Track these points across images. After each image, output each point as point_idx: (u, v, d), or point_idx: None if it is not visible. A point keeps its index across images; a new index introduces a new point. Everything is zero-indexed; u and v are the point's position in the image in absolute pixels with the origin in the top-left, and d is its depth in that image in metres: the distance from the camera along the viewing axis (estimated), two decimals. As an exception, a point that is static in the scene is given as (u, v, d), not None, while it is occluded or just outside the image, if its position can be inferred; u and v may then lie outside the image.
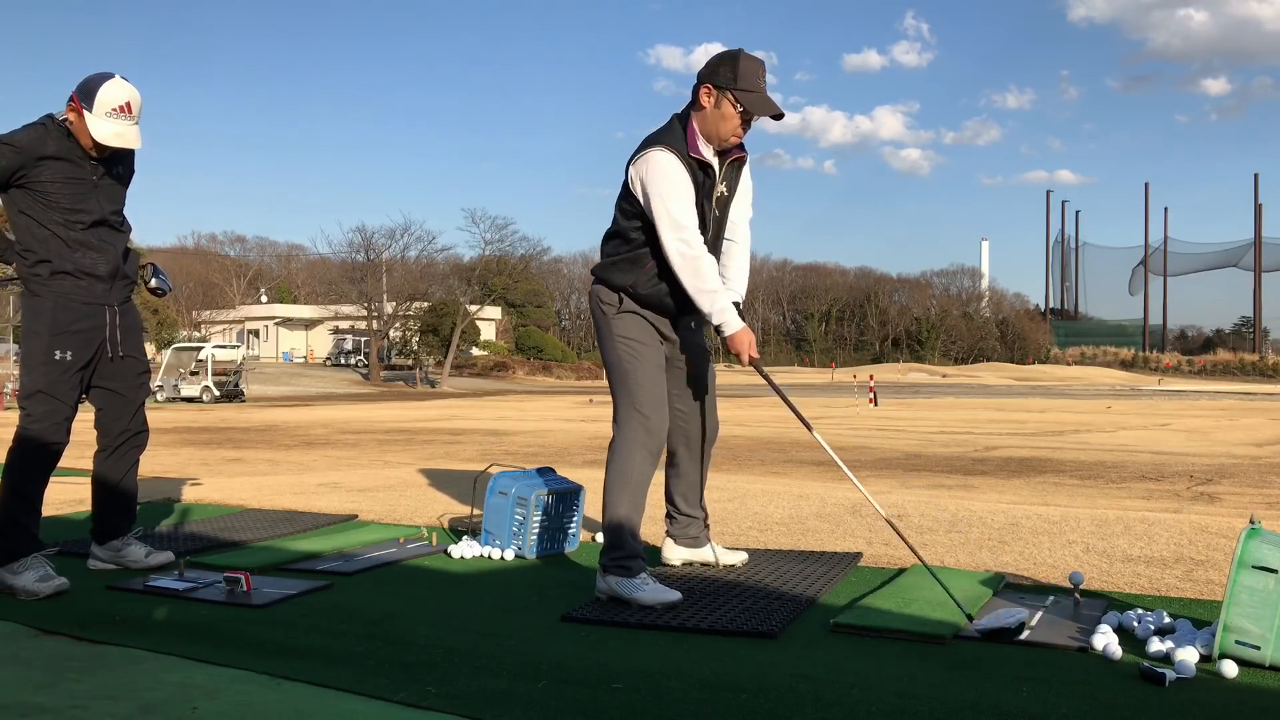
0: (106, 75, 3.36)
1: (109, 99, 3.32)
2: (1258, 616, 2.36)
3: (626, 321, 3.27)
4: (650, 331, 3.30)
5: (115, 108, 3.34)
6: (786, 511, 4.61)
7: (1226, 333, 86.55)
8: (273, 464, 8.75)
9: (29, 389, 3.31)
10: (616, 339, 3.27)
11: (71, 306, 3.35)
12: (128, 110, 3.37)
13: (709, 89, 3.16)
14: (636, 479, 3.20)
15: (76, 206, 3.37)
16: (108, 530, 3.60)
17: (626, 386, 3.27)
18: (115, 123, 3.34)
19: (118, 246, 3.49)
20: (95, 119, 3.32)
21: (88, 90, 3.33)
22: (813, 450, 10.02)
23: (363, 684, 2.26)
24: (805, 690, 2.23)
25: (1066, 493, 6.31)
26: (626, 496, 3.18)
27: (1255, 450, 10.13)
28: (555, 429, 13.94)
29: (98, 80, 3.34)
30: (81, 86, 3.36)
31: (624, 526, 3.15)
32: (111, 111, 3.33)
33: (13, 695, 2.19)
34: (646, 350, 3.27)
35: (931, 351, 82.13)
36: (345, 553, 3.85)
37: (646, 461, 3.22)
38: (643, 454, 3.21)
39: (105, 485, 3.59)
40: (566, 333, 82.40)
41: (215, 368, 31.98)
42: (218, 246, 76.48)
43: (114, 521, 3.60)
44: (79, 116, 3.34)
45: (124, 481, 3.60)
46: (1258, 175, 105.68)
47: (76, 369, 3.36)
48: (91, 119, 3.32)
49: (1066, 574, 3.38)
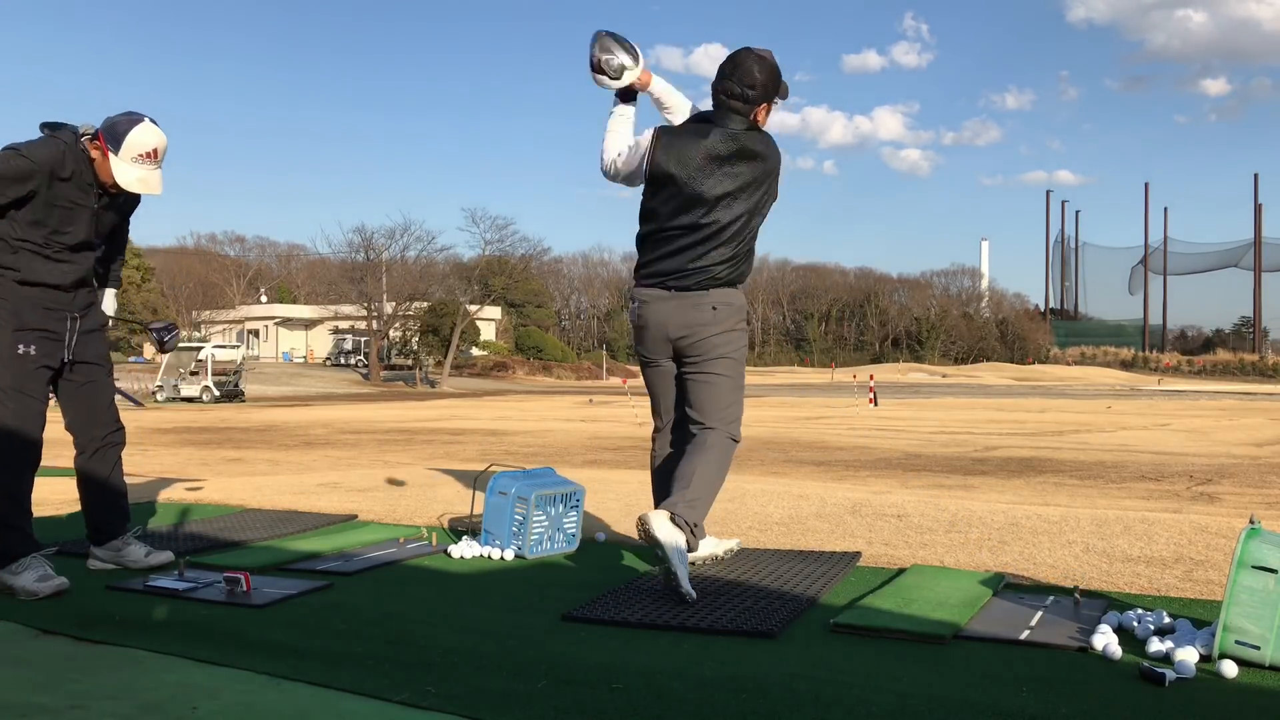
0: (136, 119, 3.33)
1: (137, 144, 3.29)
2: (1258, 616, 2.36)
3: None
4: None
5: (142, 154, 3.31)
6: (786, 511, 4.61)
7: (1226, 333, 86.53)
8: (273, 464, 8.75)
9: None
10: (742, 349, 3.49)
11: (35, 308, 3.29)
12: (154, 156, 3.34)
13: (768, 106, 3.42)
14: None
15: (63, 229, 3.30)
16: (104, 531, 3.58)
17: (742, 394, 3.48)
18: (140, 168, 3.32)
19: (90, 260, 3.46)
20: (120, 163, 3.30)
21: (115, 133, 3.29)
22: (813, 450, 10.02)
23: (363, 684, 2.26)
24: (805, 690, 2.23)
25: (1066, 493, 6.32)
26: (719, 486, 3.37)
27: (1255, 450, 10.13)
28: (555, 429, 13.95)
29: (126, 124, 3.30)
30: (109, 128, 3.31)
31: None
32: (138, 157, 3.31)
33: (13, 695, 2.19)
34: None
35: (931, 351, 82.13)
36: (345, 553, 3.85)
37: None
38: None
39: (91, 486, 3.55)
40: (566, 333, 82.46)
41: (215, 368, 31.96)
42: (218, 246, 76.58)
43: (108, 521, 3.58)
44: (103, 157, 3.30)
45: (110, 481, 3.55)
46: (1257, 175, 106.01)
47: (41, 365, 3.31)
48: (117, 162, 3.29)
49: (1066, 574, 3.38)
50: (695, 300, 3.37)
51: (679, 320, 3.39)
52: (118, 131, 3.29)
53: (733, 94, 3.33)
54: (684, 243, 3.35)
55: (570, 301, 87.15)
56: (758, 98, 3.34)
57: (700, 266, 3.35)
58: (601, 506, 4.79)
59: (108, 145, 3.29)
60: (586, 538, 4.12)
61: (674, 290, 3.39)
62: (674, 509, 3.12)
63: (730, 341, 3.39)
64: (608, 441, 11.54)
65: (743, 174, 3.33)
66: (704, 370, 3.39)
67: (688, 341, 3.39)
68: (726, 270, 3.37)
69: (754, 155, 3.34)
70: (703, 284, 3.36)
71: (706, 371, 3.39)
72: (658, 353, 3.49)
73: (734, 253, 3.37)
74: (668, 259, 3.39)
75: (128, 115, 3.34)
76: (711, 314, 3.37)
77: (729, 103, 3.35)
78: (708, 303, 3.37)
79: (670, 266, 3.39)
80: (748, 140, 3.34)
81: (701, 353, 3.39)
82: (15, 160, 3.17)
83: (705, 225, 3.32)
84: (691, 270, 3.36)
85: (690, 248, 3.35)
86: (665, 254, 3.40)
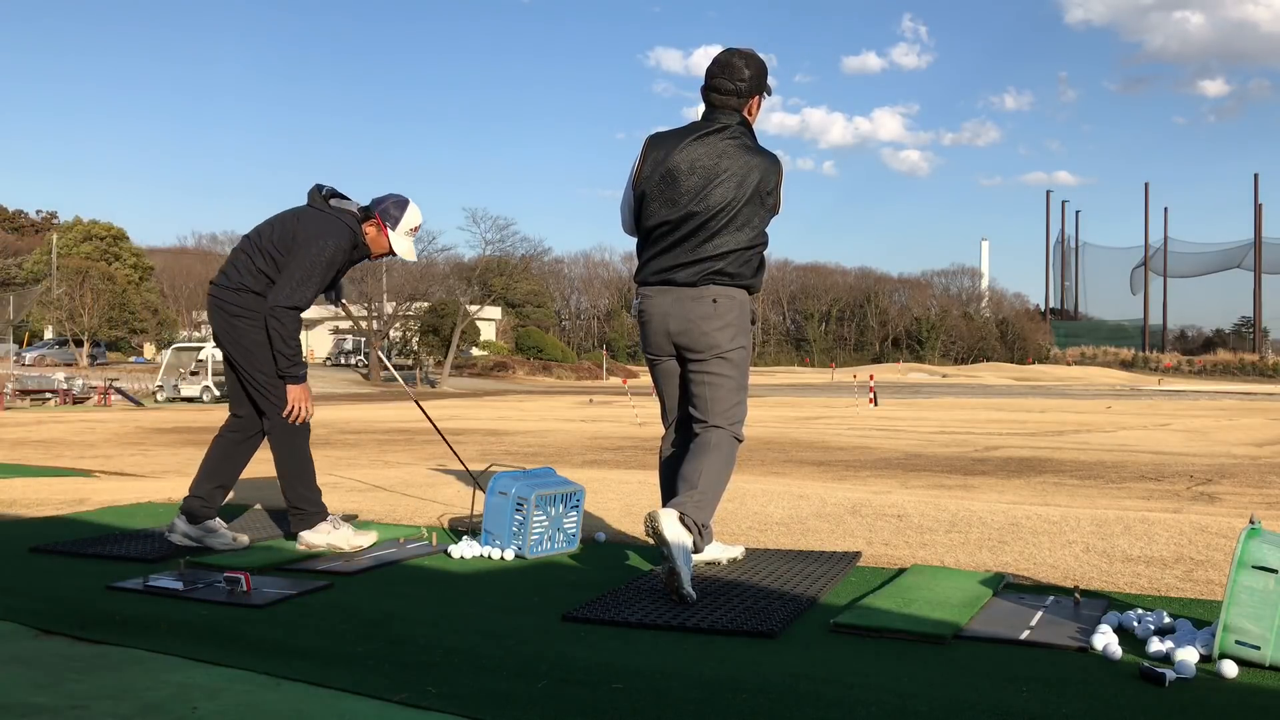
0: (404, 200, 4.03)
1: (410, 221, 4.04)
2: (1258, 616, 2.36)
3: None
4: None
5: (413, 228, 4.06)
6: (786, 511, 4.61)
7: (1226, 333, 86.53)
8: (273, 464, 8.74)
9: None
10: (744, 348, 3.48)
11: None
12: (416, 231, 4.10)
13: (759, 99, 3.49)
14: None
15: (323, 286, 3.95)
16: (202, 512, 3.95)
17: (745, 394, 3.47)
18: (408, 240, 4.07)
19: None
20: (398, 236, 4.02)
21: (390, 213, 4.00)
22: (813, 450, 10.02)
23: (363, 684, 2.26)
24: (805, 690, 2.23)
25: (1066, 493, 6.32)
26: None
27: (1255, 450, 10.13)
28: (555, 429, 13.95)
29: (399, 205, 4.01)
30: (382, 208, 4.00)
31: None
32: (409, 231, 4.05)
33: (13, 695, 2.19)
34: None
35: (931, 351, 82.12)
36: (345, 552, 3.85)
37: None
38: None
39: (230, 465, 4.07)
40: (566, 333, 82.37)
41: (215, 368, 31.94)
42: (218, 246, 76.38)
43: (212, 501, 3.98)
44: (379, 231, 4.00)
45: (241, 466, 4.10)
46: (1257, 175, 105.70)
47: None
48: (395, 236, 4.02)
49: (1066, 574, 3.38)
50: (695, 294, 3.38)
51: (678, 314, 3.39)
52: (393, 213, 4.01)
53: (724, 90, 3.41)
54: (678, 235, 3.38)
55: (570, 301, 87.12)
56: (749, 90, 3.42)
57: (697, 259, 3.36)
58: (601, 506, 4.79)
59: (384, 222, 4.00)
60: (586, 538, 4.12)
61: (673, 285, 3.40)
62: (682, 509, 3.12)
63: (732, 339, 3.38)
64: (608, 441, 11.54)
65: (729, 166, 3.36)
66: (706, 369, 3.39)
67: (688, 338, 3.39)
68: (726, 265, 3.36)
69: (742, 146, 3.39)
70: (702, 278, 3.36)
71: (709, 371, 3.39)
72: (660, 350, 3.50)
73: (732, 244, 3.36)
74: (664, 254, 3.42)
75: (397, 198, 4.02)
76: (711, 307, 3.37)
77: (722, 99, 3.42)
78: (707, 296, 3.37)
79: (667, 262, 3.41)
80: (733, 133, 3.40)
81: (702, 350, 3.38)
82: (333, 255, 3.86)
83: (695, 215, 3.35)
84: (688, 263, 3.37)
85: (684, 240, 3.37)
86: (662, 250, 3.42)
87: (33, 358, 47.66)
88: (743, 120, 3.44)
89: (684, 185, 3.35)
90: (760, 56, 3.46)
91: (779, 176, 3.44)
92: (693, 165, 3.36)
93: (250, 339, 3.87)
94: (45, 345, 51.82)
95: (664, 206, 3.39)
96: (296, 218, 3.93)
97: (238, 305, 3.88)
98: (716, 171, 3.35)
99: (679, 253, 3.38)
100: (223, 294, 3.92)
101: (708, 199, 3.33)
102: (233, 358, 3.94)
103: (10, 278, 58.96)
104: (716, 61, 3.45)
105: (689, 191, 3.35)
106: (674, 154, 3.39)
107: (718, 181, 3.34)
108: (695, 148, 3.38)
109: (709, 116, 3.45)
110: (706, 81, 3.44)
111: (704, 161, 3.36)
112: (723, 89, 3.41)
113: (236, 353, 3.91)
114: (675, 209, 3.37)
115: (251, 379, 3.92)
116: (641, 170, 3.45)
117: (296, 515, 3.96)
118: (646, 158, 3.45)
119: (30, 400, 27.46)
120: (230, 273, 3.94)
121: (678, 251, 3.39)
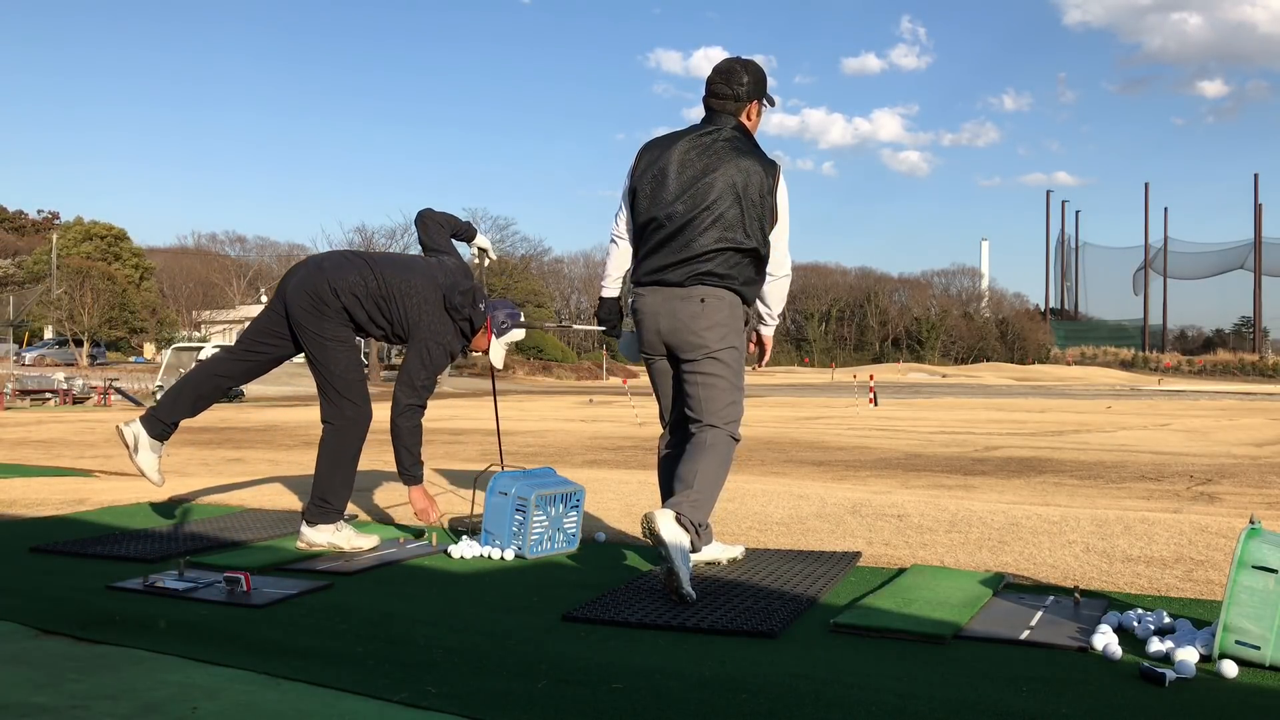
0: (518, 314, 4.19)
1: (514, 337, 4.18)
2: (1258, 616, 2.36)
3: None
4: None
5: (512, 343, 4.24)
6: (786, 511, 4.61)
7: (1226, 333, 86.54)
8: (273, 464, 8.74)
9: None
10: (736, 348, 3.47)
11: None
12: (513, 343, 4.24)
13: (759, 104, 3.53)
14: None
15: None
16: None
17: (741, 393, 3.47)
18: (504, 350, 4.20)
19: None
20: (497, 344, 4.15)
21: (500, 322, 4.12)
22: (813, 450, 10.02)
23: (363, 684, 2.26)
24: (805, 690, 2.23)
25: (1066, 493, 6.32)
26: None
27: (1255, 450, 10.13)
28: (555, 429, 13.95)
29: (512, 317, 4.14)
30: (495, 315, 4.10)
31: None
32: (509, 345, 4.22)
33: (13, 695, 2.19)
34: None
35: (931, 351, 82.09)
36: (345, 552, 3.85)
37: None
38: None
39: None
40: (566, 333, 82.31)
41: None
42: (218, 246, 76.39)
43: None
44: (486, 335, 4.12)
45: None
46: (1257, 175, 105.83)
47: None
48: (495, 343, 4.14)
49: (1066, 574, 3.38)
50: (683, 294, 3.39)
51: (667, 312, 3.41)
52: (502, 323, 4.15)
53: (722, 95, 3.46)
54: (665, 233, 3.41)
55: (570, 301, 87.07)
56: (747, 95, 3.47)
57: (685, 259, 3.37)
58: (601, 506, 4.79)
59: (493, 331, 4.13)
60: (586, 538, 4.12)
61: (664, 285, 3.42)
62: (679, 509, 3.13)
63: (721, 339, 3.38)
64: (608, 441, 11.54)
65: (718, 166, 3.38)
66: (699, 370, 3.40)
67: (677, 337, 3.41)
68: (715, 265, 3.36)
69: (734, 148, 3.41)
70: (690, 278, 3.37)
71: (701, 371, 3.39)
72: (653, 349, 3.52)
73: (718, 244, 3.35)
74: (655, 254, 3.44)
75: (512, 310, 4.19)
76: (699, 307, 3.37)
77: (720, 104, 3.47)
78: (695, 297, 3.38)
79: (658, 262, 3.43)
80: (726, 135, 3.43)
81: (693, 349, 3.39)
82: (448, 355, 4.02)
83: (682, 212, 3.37)
84: (677, 263, 3.39)
85: (672, 237, 3.39)
86: (653, 248, 3.45)
87: (33, 358, 47.66)
88: (739, 125, 3.47)
89: (672, 183, 3.39)
90: (762, 67, 3.51)
91: (775, 180, 3.43)
92: (683, 163, 3.40)
93: (331, 335, 4.00)
94: (45, 345, 51.84)
95: (653, 204, 3.43)
96: (424, 299, 3.95)
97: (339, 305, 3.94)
98: (705, 170, 3.38)
99: (668, 252, 3.41)
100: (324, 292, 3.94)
101: (694, 196, 3.36)
102: (312, 353, 4.07)
103: (10, 277, 58.96)
104: (717, 68, 3.51)
105: (677, 189, 3.39)
106: (667, 153, 3.43)
107: (706, 180, 3.37)
108: (688, 148, 3.42)
109: (706, 120, 3.51)
110: (706, 88, 3.51)
111: (694, 160, 3.40)
112: (721, 94, 3.46)
113: (314, 347, 4.05)
114: (663, 206, 3.40)
115: (327, 371, 4.04)
116: (636, 168, 3.50)
117: (318, 508, 3.93)
118: (642, 157, 3.50)
119: (30, 400, 27.45)
120: (337, 279, 3.91)
121: (666, 251, 3.41)
